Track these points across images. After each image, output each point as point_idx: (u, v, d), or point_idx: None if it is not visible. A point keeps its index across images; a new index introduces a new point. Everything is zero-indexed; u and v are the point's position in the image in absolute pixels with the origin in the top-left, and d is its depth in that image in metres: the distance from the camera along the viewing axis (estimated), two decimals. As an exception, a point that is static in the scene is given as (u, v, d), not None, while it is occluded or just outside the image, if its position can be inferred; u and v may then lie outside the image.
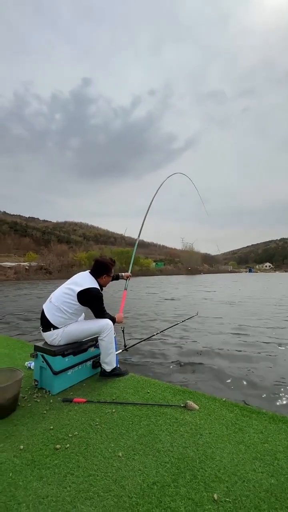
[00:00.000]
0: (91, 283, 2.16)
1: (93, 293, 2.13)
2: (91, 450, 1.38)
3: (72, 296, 2.09)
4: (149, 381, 2.25)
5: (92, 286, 2.14)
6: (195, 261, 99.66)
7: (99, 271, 2.25)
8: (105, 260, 2.29)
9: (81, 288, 2.09)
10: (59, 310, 2.07)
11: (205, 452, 1.37)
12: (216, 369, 3.19)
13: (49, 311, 2.10)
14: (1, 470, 1.25)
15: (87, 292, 2.10)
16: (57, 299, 2.11)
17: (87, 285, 2.12)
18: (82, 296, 2.09)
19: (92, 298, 2.14)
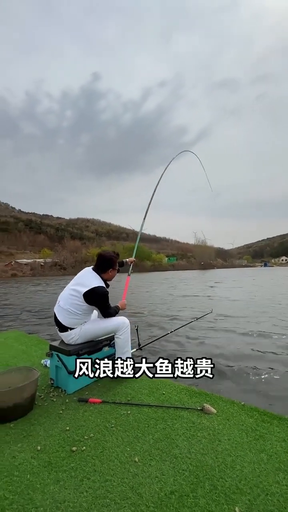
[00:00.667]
0: (95, 281, 2.10)
1: (99, 292, 2.08)
2: (107, 454, 1.37)
3: (78, 297, 2.05)
4: (164, 382, 2.21)
5: (97, 285, 2.08)
6: (208, 255, 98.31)
7: (104, 266, 2.20)
8: (109, 254, 2.24)
9: (86, 289, 2.04)
10: (69, 312, 2.07)
11: (224, 460, 1.32)
12: (233, 370, 3.10)
13: (60, 314, 2.10)
14: (20, 471, 1.26)
15: (92, 292, 2.05)
16: (65, 302, 2.10)
17: (92, 285, 2.07)
18: (88, 297, 2.05)
19: (98, 298, 2.10)
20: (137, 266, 67.04)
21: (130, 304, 9.36)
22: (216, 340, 4.47)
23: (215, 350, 3.86)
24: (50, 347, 2.18)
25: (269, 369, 3.15)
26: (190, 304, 8.82)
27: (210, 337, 4.66)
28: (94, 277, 2.15)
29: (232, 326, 5.44)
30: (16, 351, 3.06)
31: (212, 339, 4.54)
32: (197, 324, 5.21)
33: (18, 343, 3.36)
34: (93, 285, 2.06)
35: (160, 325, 5.71)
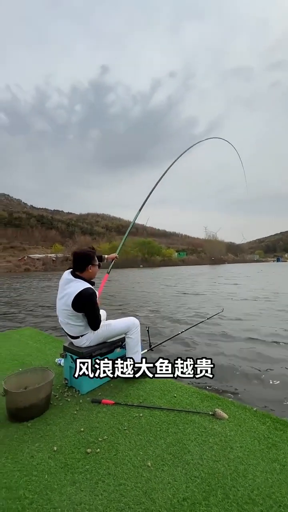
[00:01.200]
0: (78, 286, 1.96)
1: (85, 295, 1.93)
2: (120, 457, 1.41)
3: (69, 311, 1.98)
4: (175, 384, 2.23)
5: (81, 289, 1.94)
6: (219, 250, 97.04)
7: (81, 264, 2.05)
8: (84, 250, 2.10)
9: (72, 298, 1.93)
10: (70, 325, 2.07)
11: (236, 468, 1.33)
12: (245, 373, 3.08)
13: (65, 327, 2.13)
14: (38, 471, 1.32)
15: (79, 298, 1.93)
16: (62, 317, 2.07)
17: (76, 291, 1.93)
18: (76, 305, 1.94)
19: (85, 301, 1.95)
20: (147, 261, 67.09)
21: (140, 302, 9.42)
22: (227, 341, 4.44)
23: (226, 352, 3.84)
24: (64, 348, 2.24)
25: (283, 374, 3.10)
26: (200, 302, 8.77)
27: (221, 337, 4.64)
28: (75, 282, 2.01)
29: (244, 327, 5.38)
30: (31, 349, 3.17)
31: (223, 338, 4.52)
32: (208, 323, 5.19)
33: (33, 341, 3.48)
34: (78, 291, 1.93)
35: (171, 324, 5.73)
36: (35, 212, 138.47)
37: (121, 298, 10.30)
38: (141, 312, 7.31)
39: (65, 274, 2.12)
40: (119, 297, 10.74)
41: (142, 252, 69.08)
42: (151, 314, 6.99)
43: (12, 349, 3.17)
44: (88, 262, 2.07)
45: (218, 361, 3.49)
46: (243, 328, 5.25)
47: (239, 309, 7.35)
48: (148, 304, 8.59)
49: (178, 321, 6.06)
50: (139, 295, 11.45)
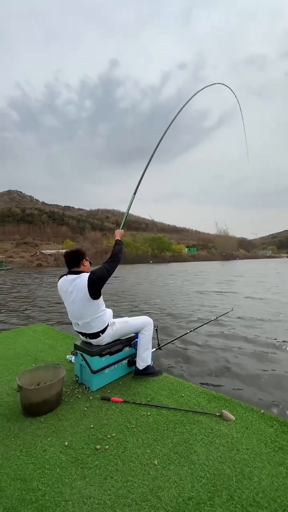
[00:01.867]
0: (83, 275, 2.00)
1: (94, 275, 1.98)
2: (128, 455, 1.46)
3: (87, 301, 2.00)
4: (183, 384, 2.26)
5: (88, 274, 1.99)
6: (230, 246, 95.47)
7: (76, 260, 2.11)
8: (73, 249, 2.18)
9: (86, 284, 1.95)
10: (94, 319, 2.08)
11: (242, 470, 1.35)
12: (254, 375, 3.07)
13: (86, 329, 2.13)
14: (50, 465, 1.39)
15: (91, 279, 1.95)
16: (83, 317, 2.07)
17: (85, 277, 1.97)
18: (93, 286, 1.96)
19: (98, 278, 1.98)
20: (156, 257, 67.06)
21: (149, 299, 9.47)
22: (236, 340, 4.42)
23: (235, 352, 3.83)
24: (75, 346, 2.31)
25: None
26: (210, 301, 8.71)
27: (230, 337, 4.61)
28: (79, 276, 2.02)
29: (255, 326, 5.31)
30: (43, 345, 3.28)
31: (233, 339, 4.49)
32: (217, 323, 5.17)
33: (45, 337, 3.59)
34: (87, 276, 1.97)
35: (179, 322, 5.74)
36: (47, 208, 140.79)
37: (130, 295, 10.39)
38: (149, 310, 7.36)
39: (62, 280, 2.12)
40: (128, 294, 10.83)
41: (152, 248, 69.02)
42: (159, 312, 7.02)
43: (26, 345, 3.30)
44: (82, 257, 2.14)
45: (226, 362, 3.49)
46: (254, 329, 5.19)
47: (250, 309, 7.25)
48: (156, 302, 8.62)
49: (187, 319, 6.06)
50: (148, 292, 11.51)
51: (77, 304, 2.05)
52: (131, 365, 2.47)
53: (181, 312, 6.95)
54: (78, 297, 2.02)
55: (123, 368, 2.42)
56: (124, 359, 2.43)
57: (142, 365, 2.38)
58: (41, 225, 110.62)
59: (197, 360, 3.49)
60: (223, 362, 3.44)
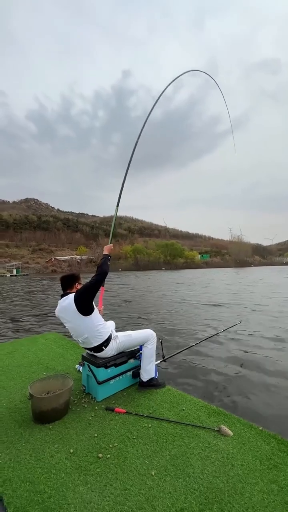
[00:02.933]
0: (70, 295, 2.15)
1: (78, 292, 2.12)
2: (128, 464, 1.56)
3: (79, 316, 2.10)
4: (185, 397, 2.33)
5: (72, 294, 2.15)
6: (244, 252, 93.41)
7: (69, 283, 2.28)
8: (68, 273, 2.39)
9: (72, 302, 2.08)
10: (94, 333, 2.19)
11: (234, 485, 1.41)
12: (256, 391, 3.06)
13: (87, 344, 2.24)
14: (56, 470, 1.52)
15: (76, 297, 2.09)
16: (81, 333, 2.19)
17: (71, 296, 2.13)
18: (78, 301, 2.08)
19: (81, 293, 2.11)
20: (169, 264, 66.80)
21: (155, 310, 9.50)
22: (242, 355, 4.37)
23: (239, 368, 3.81)
24: (82, 357, 2.45)
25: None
26: (218, 313, 8.59)
27: (236, 351, 4.56)
28: (68, 296, 2.18)
29: (262, 341, 5.21)
30: (54, 354, 3.45)
31: (238, 354, 4.44)
32: (224, 336, 5.15)
33: (56, 346, 3.78)
34: (72, 295, 2.12)
35: (185, 335, 5.73)
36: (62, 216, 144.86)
37: (135, 305, 10.47)
38: (154, 321, 7.41)
39: (58, 305, 2.27)
40: (133, 304, 10.93)
41: (164, 254, 68.91)
42: (165, 323, 7.03)
43: (38, 353, 3.49)
44: (75, 281, 2.32)
45: (229, 376, 3.50)
46: (261, 343, 5.10)
47: (259, 322, 7.11)
48: (162, 313, 8.64)
49: (193, 332, 6.03)
50: (155, 302, 11.54)
51: (72, 322, 2.19)
52: (135, 376, 2.57)
53: (187, 324, 6.92)
54: (70, 315, 2.16)
55: (127, 379, 2.53)
56: (129, 370, 2.54)
57: (146, 377, 2.47)
58: (56, 232, 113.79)
59: (201, 374, 3.52)
60: (226, 377, 3.45)
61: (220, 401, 2.79)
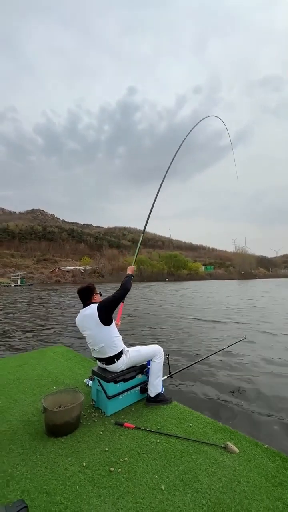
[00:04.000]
0: (93, 305, 2.35)
1: (101, 304, 2.32)
2: (138, 478, 1.63)
3: (99, 324, 2.28)
4: (191, 413, 2.40)
5: (95, 304, 2.34)
6: (249, 264, 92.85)
7: (87, 295, 2.45)
8: (85, 285, 2.52)
9: (96, 311, 2.28)
10: (109, 344, 2.34)
11: (241, 501, 1.47)
12: (262, 409, 3.09)
13: (102, 353, 2.37)
14: (71, 482, 1.60)
15: (99, 307, 2.29)
16: (98, 342, 2.33)
17: (95, 306, 2.32)
18: (101, 313, 2.27)
19: (104, 305, 2.31)
20: (173, 275, 66.68)
21: (160, 325, 9.52)
22: (248, 371, 4.39)
23: (244, 384, 3.83)
24: (92, 372, 2.55)
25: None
26: (223, 327, 8.58)
27: (241, 368, 4.57)
28: (90, 306, 2.37)
29: (267, 358, 5.19)
30: (63, 367, 3.54)
31: (243, 370, 4.46)
32: (228, 352, 5.17)
33: (64, 359, 3.86)
34: (96, 306, 2.32)
35: (191, 350, 5.76)
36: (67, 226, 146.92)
37: (140, 319, 10.50)
38: (160, 336, 7.44)
39: (78, 315, 2.47)
40: (138, 318, 10.96)
41: (168, 266, 68.90)
42: (169, 339, 7.04)
43: (47, 366, 3.58)
44: (92, 292, 2.49)
45: (235, 392, 3.53)
46: (266, 359, 5.10)
47: (263, 335, 7.09)
48: (165, 328, 8.65)
49: (198, 348, 6.04)
50: (160, 317, 11.56)
51: (92, 330, 2.35)
52: (143, 392, 2.65)
53: (193, 339, 6.93)
54: (91, 324, 2.33)
55: (135, 394, 2.61)
56: (137, 386, 2.62)
57: (153, 392, 2.55)
58: (61, 242, 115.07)
59: (207, 390, 3.56)
60: (232, 393, 3.48)
61: (226, 417, 2.83)
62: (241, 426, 2.64)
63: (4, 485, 1.58)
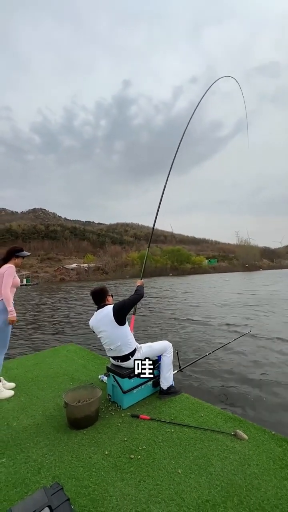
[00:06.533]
0: (108, 306, 2.51)
1: (117, 306, 2.47)
2: (157, 464, 1.79)
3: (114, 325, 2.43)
4: (202, 405, 2.55)
5: (111, 306, 2.50)
6: (252, 256, 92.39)
7: (101, 297, 2.61)
8: (98, 288, 2.67)
9: (111, 312, 2.43)
10: (123, 342, 2.50)
11: (251, 482, 1.63)
12: (268, 398, 3.24)
13: (118, 352, 2.53)
14: (96, 469, 1.77)
15: (116, 309, 2.44)
16: (114, 341, 2.48)
17: (110, 307, 2.48)
18: (117, 314, 2.43)
19: (122, 306, 2.48)
20: (176, 269, 66.74)
21: (167, 321, 9.69)
22: (252, 364, 4.53)
23: (251, 375, 3.98)
24: (107, 368, 2.71)
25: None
26: (228, 321, 8.72)
27: (246, 360, 4.71)
28: (105, 307, 2.53)
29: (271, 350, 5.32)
30: (77, 365, 3.72)
31: (248, 362, 4.59)
32: (235, 344, 5.31)
33: (78, 357, 4.04)
34: (111, 307, 2.47)
35: (198, 344, 5.92)
36: (69, 224, 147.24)
37: (147, 316, 10.67)
38: (167, 331, 7.60)
39: (93, 317, 2.61)
40: (145, 314, 11.13)
41: (171, 260, 68.95)
42: (177, 334, 7.21)
43: (62, 364, 3.76)
44: (105, 294, 2.65)
45: (243, 383, 3.68)
46: (270, 352, 5.24)
47: (267, 327, 7.21)
48: (174, 323, 8.83)
49: (205, 341, 6.22)
50: (166, 311, 11.72)
51: (108, 330, 2.49)
52: (155, 386, 2.81)
53: (200, 334, 7.10)
54: (107, 325, 2.48)
55: (148, 388, 2.77)
56: (150, 380, 2.78)
57: (166, 385, 2.72)
58: (64, 241, 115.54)
59: (216, 382, 3.72)
60: (239, 384, 3.64)
61: (235, 407, 2.98)
62: (250, 415, 2.80)
63: (36, 473, 1.75)
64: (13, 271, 2.83)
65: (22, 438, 2.13)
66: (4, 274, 2.74)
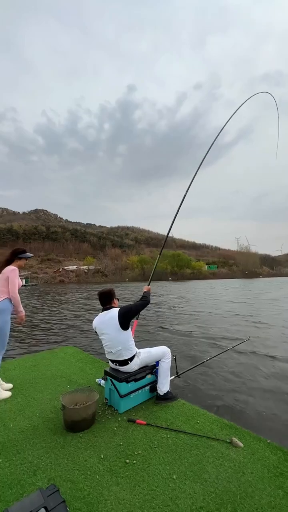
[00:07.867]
0: (114, 309, 2.53)
1: (123, 310, 2.49)
2: (152, 469, 1.80)
3: (118, 329, 2.44)
4: (198, 411, 2.56)
5: (117, 308, 2.52)
6: (252, 263, 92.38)
7: (108, 299, 2.63)
8: (106, 289, 2.68)
9: (116, 315, 2.45)
10: (125, 347, 2.52)
11: (245, 490, 1.64)
12: (264, 406, 3.25)
13: (118, 356, 2.55)
14: (91, 472, 1.78)
15: (121, 313, 2.45)
16: (116, 345, 2.50)
17: (116, 310, 2.49)
18: (122, 318, 2.44)
19: (127, 311, 2.48)
20: (176, 274, 66.80)
21: (164, 323, 9.68)
22: (249, 372, 4.52)
23: (248, 383, 3.98)
24: (105, 372, 2.73)
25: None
26: (226, 328, 8.71)
27: (243, 368, 4.71)
28: (111, 310, 2.54)
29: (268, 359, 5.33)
30: (75, 368, 3.73)
31: (245, 370, 4.59)
32: (233, 352, 5.31)
33: (76, 360, 4.05)
34: (117, 310, 2.49)
35: (196, 351, 5.91)
36: (70, 226, 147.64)
37: (145, 320, 10.67)
38: (165, 337, 7.60)
39: (97, 317, 2.63)
40: (142, 318, 11.12)
41: (171, 265, 68.96)
42: (175, 338, 7.21)
43: (60, 366, 3.77)
44: (113, 296, 2.68)
45: (239, 391, 3.68)
46: (268, 360, 5.25)
47: (265, 336, 7.20)
48: (172, 328, 8.82)
49: (203, 348, 6.21)
50: (165, 316, 11.71)
51: (110, 334, 2.52)
52: (152, 391, 2.82)
53: (198, 340, 7.10)
54: (111, 328, 2.51)
55: (145, 393, 2.78)
56: (147, 385, 2.79)
57: (163, 391, 2.73)
58: (64, 242, 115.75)
59: (212, 389, 3.72)
60: (236, 392, 3.64)
61: (230, 415, 2.99)
62: (245, 423, 2.80)
63: (32, 474, 1.76)
64: (17, 272, 2.90)
65: (18, 439, 2.14)
66: (10, 275, 2.79)
